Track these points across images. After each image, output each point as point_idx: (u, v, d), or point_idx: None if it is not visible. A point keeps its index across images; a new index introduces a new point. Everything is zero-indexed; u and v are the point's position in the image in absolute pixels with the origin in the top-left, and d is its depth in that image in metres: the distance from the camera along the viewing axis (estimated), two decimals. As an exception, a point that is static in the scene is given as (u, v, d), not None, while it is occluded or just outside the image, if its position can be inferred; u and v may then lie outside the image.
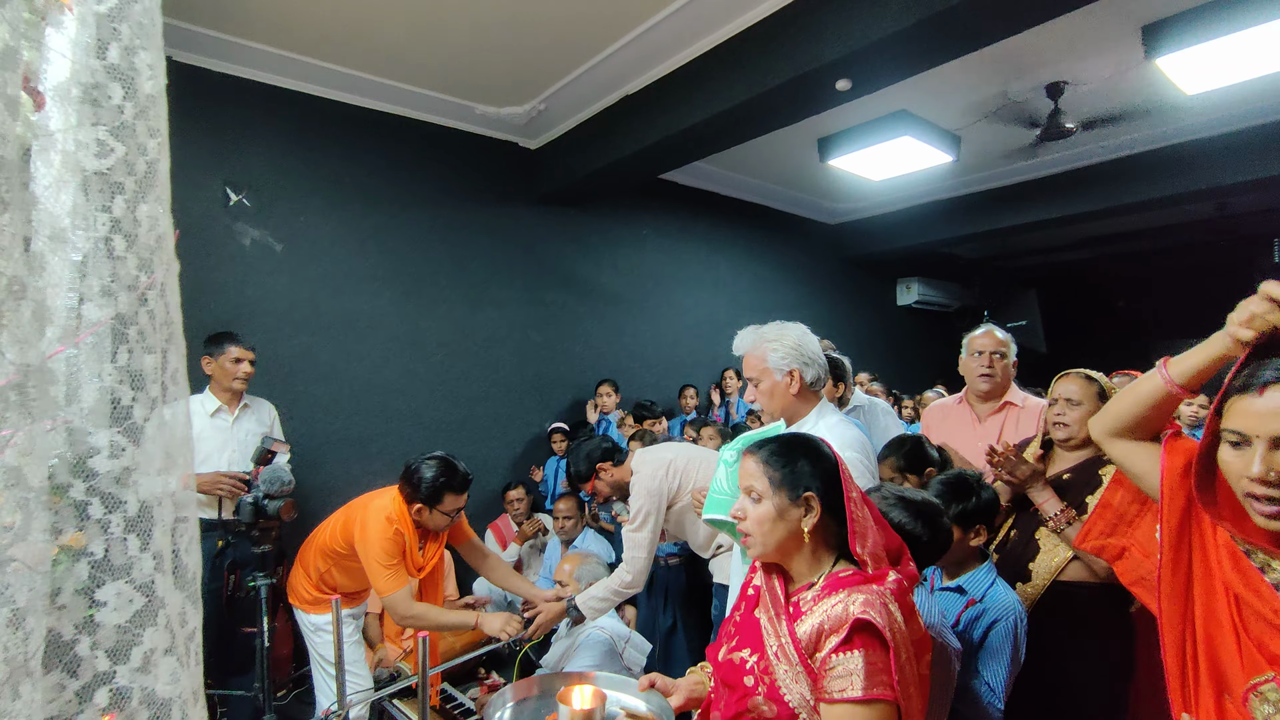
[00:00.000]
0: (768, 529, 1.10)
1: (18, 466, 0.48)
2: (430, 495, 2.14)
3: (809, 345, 1.77)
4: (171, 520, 0.58)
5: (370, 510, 2.18)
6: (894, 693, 0.96)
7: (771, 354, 1.74)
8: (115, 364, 0.55)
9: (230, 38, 3.24)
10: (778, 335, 1.76)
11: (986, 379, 2.36)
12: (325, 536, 2.35)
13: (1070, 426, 1.81)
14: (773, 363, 1.73)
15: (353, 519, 2.23)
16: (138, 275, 0.55)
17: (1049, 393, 1.92)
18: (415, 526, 2.20)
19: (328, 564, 2.34)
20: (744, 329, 1.83)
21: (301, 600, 2.41)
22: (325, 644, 2.39)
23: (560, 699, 1.16)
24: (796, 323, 1.84)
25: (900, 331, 7.65)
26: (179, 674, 0.57)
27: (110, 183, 0.53)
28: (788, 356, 1.73)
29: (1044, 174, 5.26)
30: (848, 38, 2.65)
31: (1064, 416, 1.82)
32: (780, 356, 1.73)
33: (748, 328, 1.83)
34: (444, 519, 2.20)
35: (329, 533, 2.34)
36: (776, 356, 1.73)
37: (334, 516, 2.39)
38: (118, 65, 0.53)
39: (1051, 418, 1.87)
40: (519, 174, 4.51)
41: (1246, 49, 3.03)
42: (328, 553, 2.32)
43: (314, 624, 2.40)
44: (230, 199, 3.43)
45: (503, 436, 4.41)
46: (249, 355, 2.85)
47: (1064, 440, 1.84)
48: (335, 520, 2.36)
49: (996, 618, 1.54)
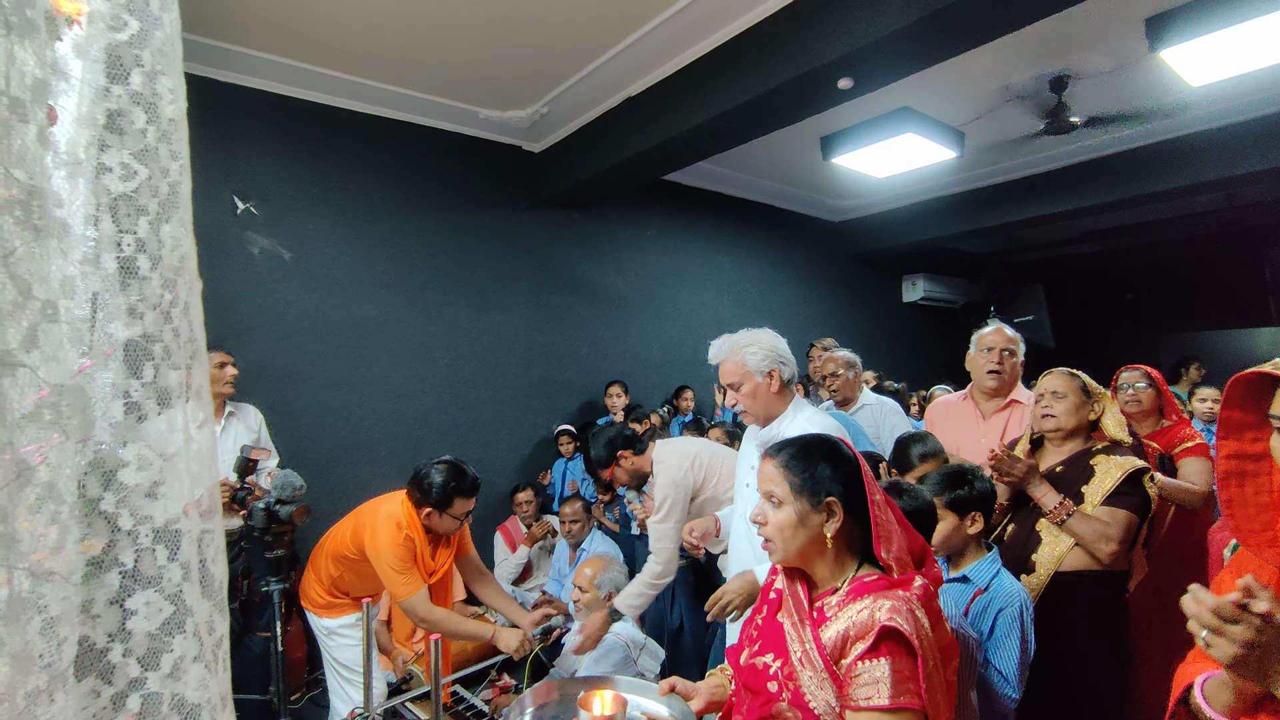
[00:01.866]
0: (789, 535, 1.09)
1: (51, 481, 0.49)
2: (440, 500, 2.16)
3: (781, 346, 1.87)
4: (199, 531, 0.60)
5: (380, 517, 2.20)
6: (921, 701, 0.95)
7: (750, 357, 1.81)
8: (141, 380, 0.56)
9: (235, 47, 3.27)
10: (752, 339, 1.85)
11: (994, 376, 2.37)
12: (335, 542, 2.37)
13: (1057, 418, 1.89)
14: (752, 365, 1.81)
15: (362, 525, 2.25)
16: (162, 294, 0.57)
17: (1035, 389, 2.00)
18: (425, 532, 2.22)
19: (340, 569, 2.36)
20: (715, 340, 1.91)
21: (314, 604, 2.43)
22: (339, 647, 2.41)
23: (581, 704, 1.15)
24: (764, 328, 1.93)
25: (906, 328, 7.63)
26: (207, 680, 0.59)
27: (135, 205, 0.55)
28: (766, 358, 1.81)
29: (1049, 168, 5.23)
30: (849, 36, 2.65)
31: (1051, 409, 1.91)
32: (759, 359, 1.81)
33: (719, 338, 1.91)
34: (454, 523, 2.22)
35: (339, 538, 2.36)
36: (755, 359, 1.81)
37: (344, 522, 2.41)
38: (140, 91, 0.55)
39: (1039, 411, 1.94)
40: (523, 177, 4.54)
41: (1251, 40, 3.01)
42: (338, 558, 2.34)
43: (327, 628, 2.43)
44: (238, 208, 3.46)
45: (510, 439, 4.44)
46: (229, 359, 2.83)
47: (1053, 431, 1.92)
48: (345, 526, 2.38)
49: (1003, 606, 1.57)
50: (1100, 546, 1.71)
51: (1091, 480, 1.80)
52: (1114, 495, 1.75)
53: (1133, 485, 1.76)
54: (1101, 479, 1.79)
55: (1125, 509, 1.74)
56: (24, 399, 0.45)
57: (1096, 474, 1.80)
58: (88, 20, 0.55)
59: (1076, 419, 1.88)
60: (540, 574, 4.06)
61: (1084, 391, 1.90)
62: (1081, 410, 1.89)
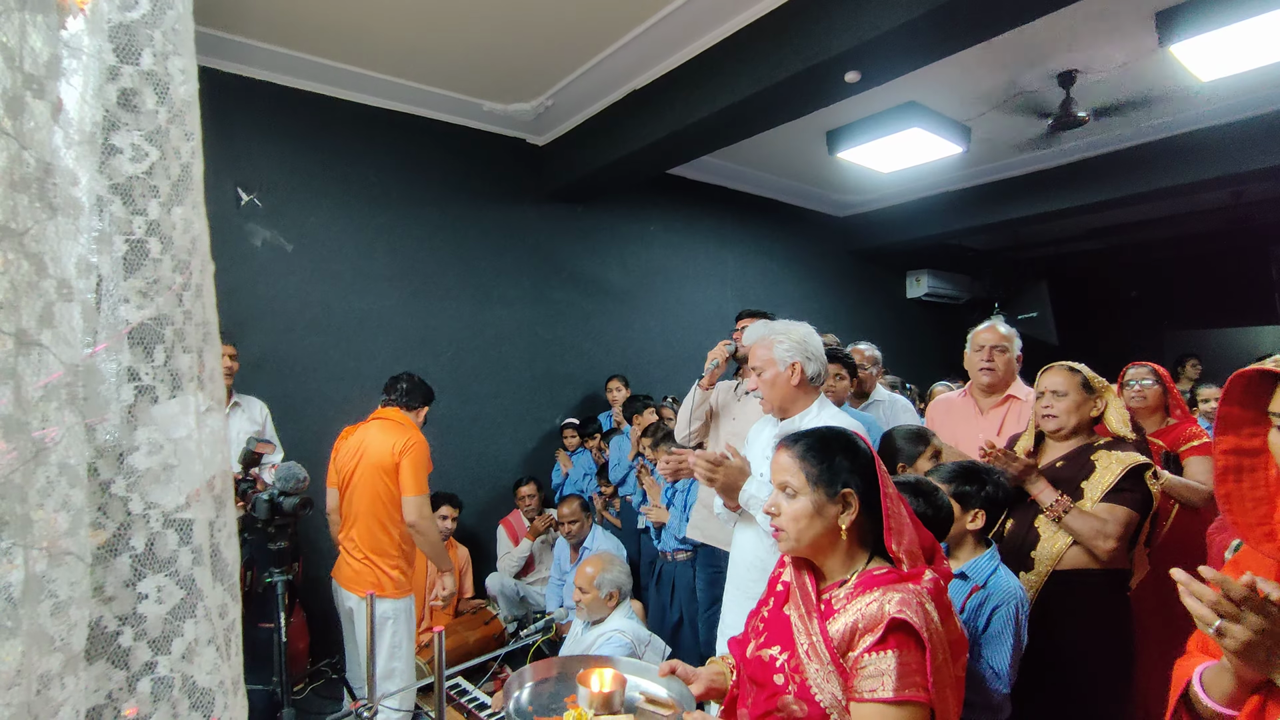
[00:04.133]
0: (803, 526, 1.09)
1: (64, 463, 0.49)
2: (429, 394, 2.64)
3: (813, 343, 1.90)
4: (210, 515, 0.60)
5: (406, 430, 2.51)
6: (927, 694, 0.94)
7: (778, 346, 1.86)
8: (153, 363, 0.56)
9: (239, 38, 3.26)
10: (785, 330, 1.90)
11: (987, 373, 2.40)
12: (379, 490, 2.47)
13: (1059, 417, 1.87)
14: (778, 354, 1.85)
15: (383, 463, 2.46)
16: (174, 276, 0.56)
17: (1035, 386, 1.98)
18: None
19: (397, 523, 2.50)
20: (755, 323, 1.98)
21: (388, 584, 2.48)
22: (395, 630, 2.50)
23: (580, 680, 1.16)
24: (803, 322, 1.98)
25: (910, 324, 7.61)
26: (219, 665, 0.59)
27: (147, 186, 0.55)
28: (792, 350, 1.85)
29: (1055, 164, 5.21)
30: (856, 29, 2.63)
31: (1052, 408, 1.88)
32: (785, 350, 1.85)
33: (759, 321, 1.99)
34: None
35: (381, 481, 2.47)
36: (782, 349, 1.85)
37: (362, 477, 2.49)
38: (151, 71, 0.54)
39: (1040, 410, 1.92)
40: (526, 170, 4.52)
41: (1263, 34, 2.98)
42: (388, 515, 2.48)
43: (394, 610, 2.49)
44: (242, 200, 3.46)
45: (513, 433, 4.44)
46: (231, 350, 2.85)
47: (1054, 431, 1.89)
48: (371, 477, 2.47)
49: (999, 603, 1.56)
50: (1098, 543, 1.69)
51: (1092, 476, 1.78)
52: (1114, 491, 1.73)
53: (1134, 481, 1.73)
54: (1102, 475, 1.76)
55: (1125, 505, 1.71)
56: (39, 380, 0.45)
57: (1097, 469, 1.78)
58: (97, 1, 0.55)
59: (1078, 416, 1.86)
60: (542, 568, 4.07)
61: (1085, 387, 1.87)
62: (1083, 407, 1.86)
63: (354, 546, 2.53)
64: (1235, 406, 0.98)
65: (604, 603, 2.31)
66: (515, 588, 3.90)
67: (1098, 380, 1.90)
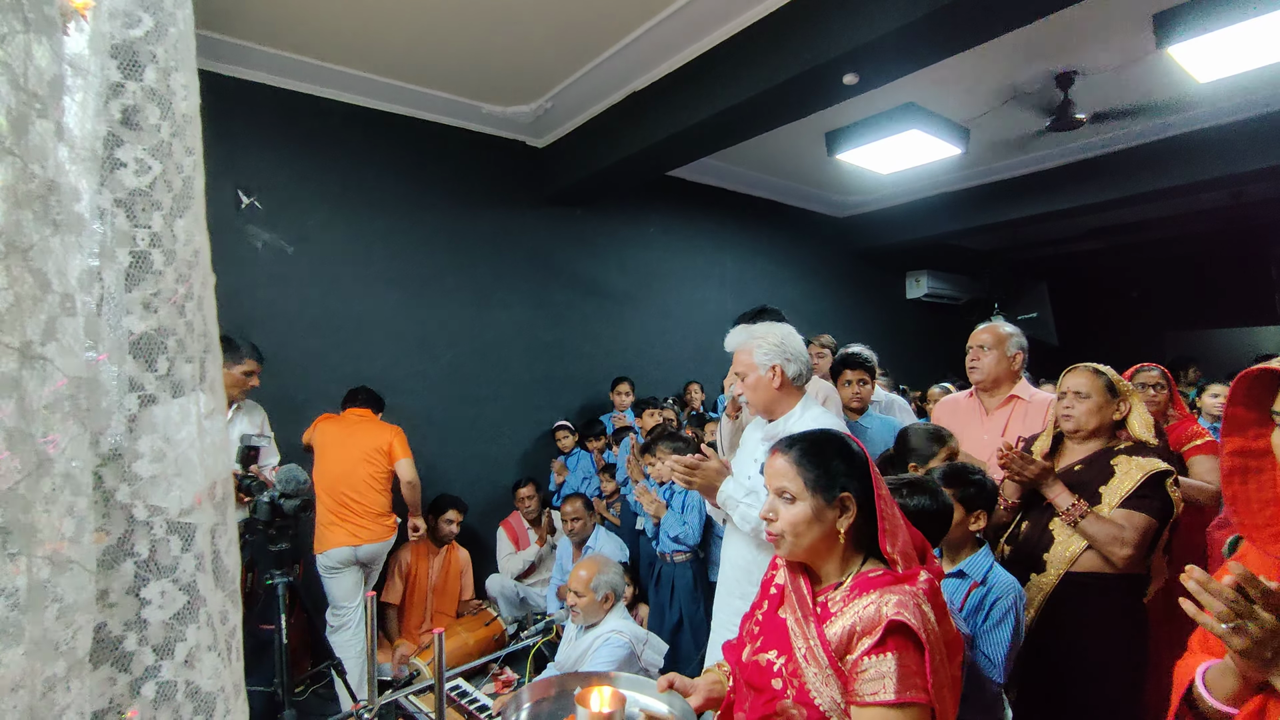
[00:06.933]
0: (802, 531, 1.08)
1: (68, 472, 0.50)
2: (382, 402, 3.47)
3: (792, 343, 1.89)
4: (212, 522, 0.61)
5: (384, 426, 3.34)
6: (928, 695, 0.94)
7: (757, 351, 1.86)
8: (155, 373, 0.57)
9: (238, 41, 3.27)
10: (764, 333, 1.89)
11: (972, 370, 2.44)
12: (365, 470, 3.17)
13: (1078, 419, 1.83)
14: (758, 359, 1.86)
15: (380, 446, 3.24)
16: (176, 288, 0.57)
17: (1058, 386, 1.94)
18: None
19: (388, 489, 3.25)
20: (735, 328, 1.97)
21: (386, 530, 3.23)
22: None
23: (579, 701, 1.14)
24: (784, 323, 1.98)
25: (910, 325, 7.62)
26: (221, 670, 0.60)
27: (150, 200, 0.56)
28: (770, 353, 1.85)
29: (1054, 165, 5.21)
30: (855, 32, 2.64)
31: (1072, 409, 1.84)
32: (764, 353, 1.85)
33: (739, 326, 1.97)
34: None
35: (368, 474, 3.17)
36: (761, 354, 1.86)
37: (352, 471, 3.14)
38: (154, 87, 0.55)
39: (1060, 410, 1.89)
40: (526, 173, 4.53)
41: (1260, 36, 2.99)
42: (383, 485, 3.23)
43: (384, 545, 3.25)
44: (242, 203, 3.47)
45: (513, 435, 4.45)
46: (258, 368, 2.89)
47: (1073, 432, 1.86)
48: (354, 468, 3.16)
49: (998, 596, 1.57)
50: (1114, 550, 1.65)
51: (1110, 481, 1.73)
52: (1133, 498, 1.69)
53: (1154, 488, 1.68)
54: (1121, 480, 1.72)
55: (1144, 512, 1.67)
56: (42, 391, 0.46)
57: (1116, 474, 1.73)
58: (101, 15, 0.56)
59: (1098, 419, 1.81)
60: (544, 569, 4.08)
61: (1109, 390, 1.82)
62: (1105, 410, 1.81)
63: (363, 510, 3.20)
64: (1240, 407, 0.97)
65: (600, 605, 2.29)
66: (515, 589, 3.91)
67: (1123, 384, 1.85)
